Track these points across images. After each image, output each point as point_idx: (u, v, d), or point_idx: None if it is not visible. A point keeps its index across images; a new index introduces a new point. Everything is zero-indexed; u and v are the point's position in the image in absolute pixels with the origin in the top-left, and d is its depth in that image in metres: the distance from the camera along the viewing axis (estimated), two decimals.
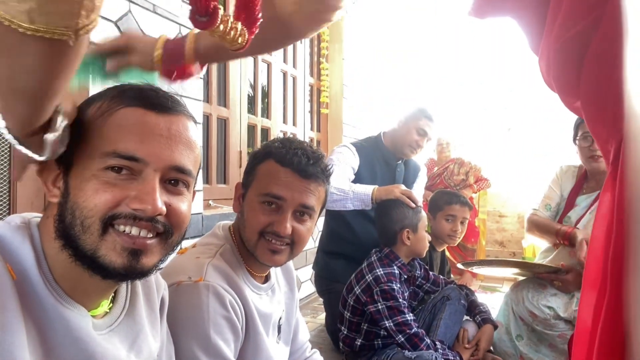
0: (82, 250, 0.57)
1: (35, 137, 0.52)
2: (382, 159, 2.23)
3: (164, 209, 0.60)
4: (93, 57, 0.82)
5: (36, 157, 0.52)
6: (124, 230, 0.58)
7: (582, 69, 0.55)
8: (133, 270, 0.59)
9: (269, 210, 0.98)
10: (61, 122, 0.54)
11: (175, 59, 0.79)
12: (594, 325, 0.52)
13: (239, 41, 0.68)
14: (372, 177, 2.10)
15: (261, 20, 0.68)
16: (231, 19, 0.65)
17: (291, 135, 3.06)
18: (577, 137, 1.88)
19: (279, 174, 0.98)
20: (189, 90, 1.92)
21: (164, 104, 0.63)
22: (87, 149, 0.58)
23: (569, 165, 2.05)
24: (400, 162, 2.27)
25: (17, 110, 0.48)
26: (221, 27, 0.64)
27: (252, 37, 0.67)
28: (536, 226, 1.99)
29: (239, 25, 0.66)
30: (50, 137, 0.53)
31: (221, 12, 0.62)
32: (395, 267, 1.76)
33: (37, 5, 0.38)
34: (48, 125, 0.53)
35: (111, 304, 0.67)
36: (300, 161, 0.98)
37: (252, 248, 0.99)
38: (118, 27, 1.57)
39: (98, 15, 0.44)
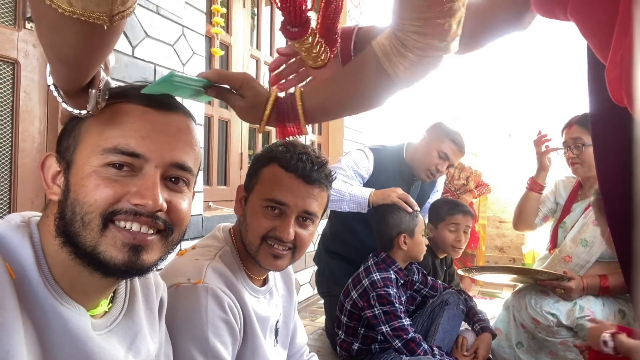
0: (82, 246, 0.57)
1: (81, 95, 0.57)
2: (398, 172, 2.11)
3: (165, 204, 0.60)
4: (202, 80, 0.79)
5: (78, 111, 0.58)
6: (125, 226, 0.58)
7: None
8: (133, 266, 0.59)
9: (272, 215, 0.98)
10: (102, 79, 0.58)
11: (284, 119, 0.79)
12: None
13: (322, 57, 0.72)
14: (383, 187, 1.98)
15: (339, 41, 0.71)
16: (318, 38, 0.69)
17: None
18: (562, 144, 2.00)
19: (282, 179, 0.98)
20: None
21: (164, 102, 0.63)
22: (88, 145, 0.59)
23: (568, 177, 2.13)
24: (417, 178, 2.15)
25: (63, 73, 0.53)
26: (310, 39, 0.67)
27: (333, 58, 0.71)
28: (516, 210, 2.14)
29: (322, 42, 0.69)
30: (93, 92, 0.57)
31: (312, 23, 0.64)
32: (391, 272, 1.76)
33: (84, 5, 0.42)
34: (92, 83, 0.57)
35: (110, 304, 0.67)
36: (304, 167, 0.98)
37: (254, 252, 0.99)
38: None
39: (135, 2, 0.48)
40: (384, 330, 1.66)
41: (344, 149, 3.49)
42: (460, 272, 2.14)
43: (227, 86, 0.80)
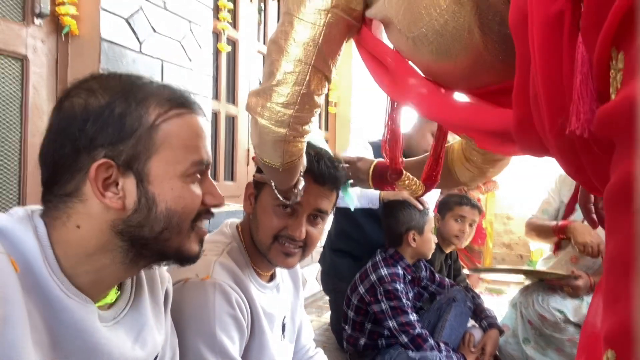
0: (167, 248, 0.64)
1: (288, 192, 0.94)
2: None
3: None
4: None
5: (287, 202, 0.95)
6: (200, 226, 0.68)
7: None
8: (199, 256, 0.70)
9: (283, 213, 0.98)
10: (300, 185, 0.93)
11: (381, 180, 1.21)
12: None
13: (418, 192, 1.08)
14: None
15: (438, 183, 1.05)
16: (413, 180, 1.08)
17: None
18: None
19: None
20: (198, 88, 1.93)
21: (195, 105, 0.68)
22: (170, 156, 0.62)
23: None
24: None
25: (278, 184, 0.94)
26: (406, 182, 1.08)
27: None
28: (533, 228, 2.06)
29: (418, 183, 1.07)
30: (296, 192, 0.94)
31: (406, 175, 1.08)
32: (399, 268, 1.76)
33: (269, 159, 0.81)
34: (295, 186, 0.93)
35: (118, 292, 0.68)
36: (319, 167, 0.98)
37: (265, 250, 1.00)
38: (129, 24, 1.57)
39: (298, 157, 0.82)
40: (391, 325, 1.65)
41: (350, 144, 3.48)
42: (466, 271, 2.14)
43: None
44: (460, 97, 0.66)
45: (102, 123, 0.59)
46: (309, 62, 0.72)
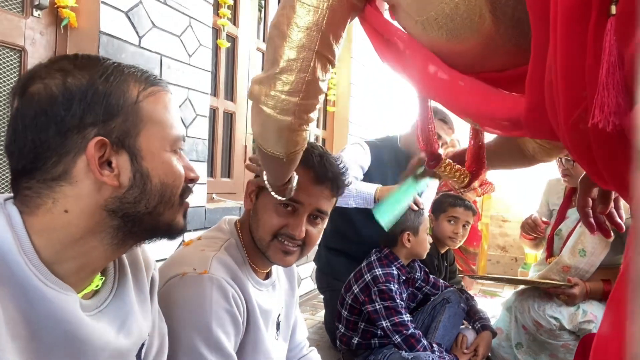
0: (159, 223, 0.64)
1: (282, 189, 0.94)
2: (395, 162, 2.15)
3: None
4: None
5: (280, 198, 0.95)
6: (187, 199, 0.69)
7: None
8: (186, 229, 0.70)
9: (284, 212, 0.99)
10: (294, 181, 0.94)
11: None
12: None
13: (464, 180, 0.98)
14: (383, 179, 2.04)
15: (487, 168, 0.96)
16: (456, 166, 0.98)
17: None
18: None
19: (300, 178, 0.98)
20: (197, 83, 1.93)
21: (165, 83, 0.69)
22: (157, 132, 0.63)
23: (558, 179, 2.06)
24: None
25: (273, 179, 0.92)
26: (447, 168, 0.97)
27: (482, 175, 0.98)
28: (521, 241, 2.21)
29: (462, 169, 0.96)
30: (290, 187, 0.94)
31: (446, 161, 0.97)
32: (394, 268, 1.76)
33: (273, 149, 0.80)
34: (288, 182, 0.93)
35: (103, 277, 0.66)
36: (321, 168, 0.99)
37: (264, 248, 1.00)
38: (129, 18, 1.57)
39: (302, 147, 0.83)
40: (384, 325, 1.66)
41: (348, 143, 3.49)
42: (462, 275, 2.15)
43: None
44: (469, 81, 0.64)
45: (89, 102, 0.57)
46: (313, 48, 0.70)
